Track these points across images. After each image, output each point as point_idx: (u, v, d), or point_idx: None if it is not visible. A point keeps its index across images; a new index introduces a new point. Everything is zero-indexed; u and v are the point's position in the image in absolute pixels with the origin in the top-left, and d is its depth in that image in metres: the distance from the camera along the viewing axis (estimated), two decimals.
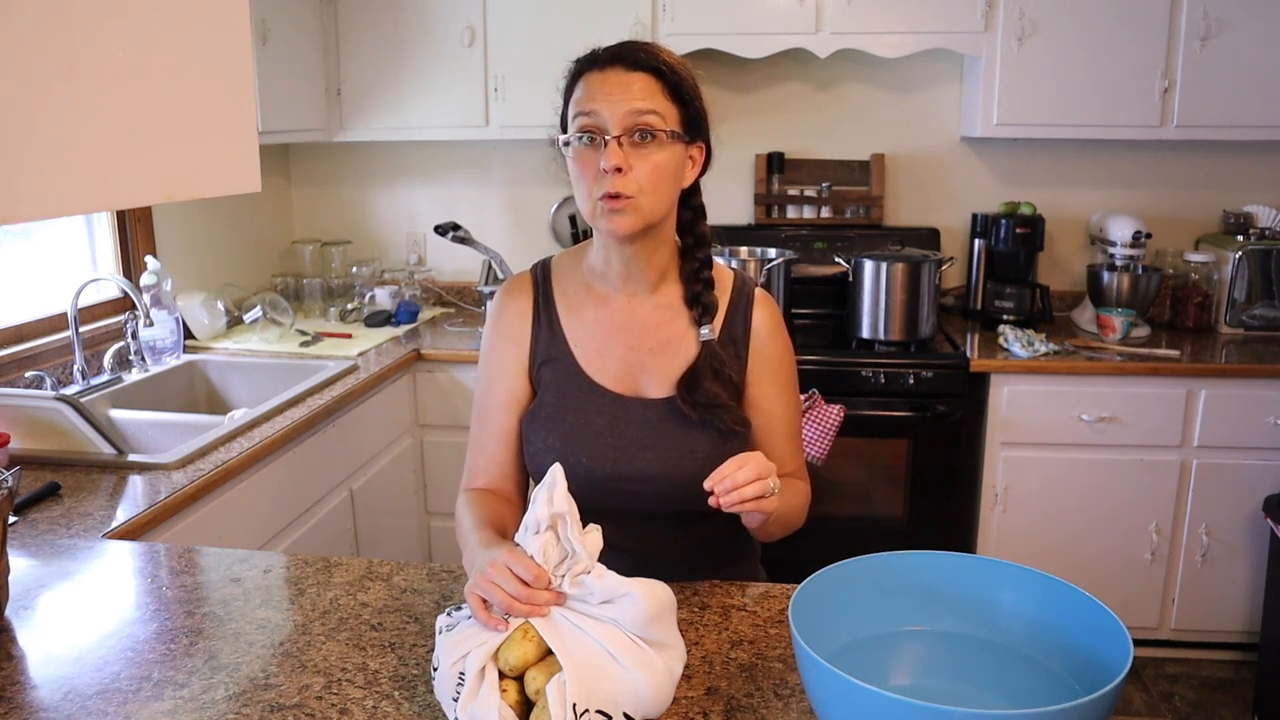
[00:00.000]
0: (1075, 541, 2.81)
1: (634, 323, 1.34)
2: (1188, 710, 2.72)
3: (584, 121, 1.23)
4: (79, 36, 0.95)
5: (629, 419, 1.31)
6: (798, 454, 1.42)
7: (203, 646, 1.17)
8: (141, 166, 1.06)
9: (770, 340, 1.37)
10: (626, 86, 1.22)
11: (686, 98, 1.27)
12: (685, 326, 1.34)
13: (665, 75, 1.25)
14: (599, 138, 1.22)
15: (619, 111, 1.21)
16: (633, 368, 1.33)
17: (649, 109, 1.22)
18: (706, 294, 1.33)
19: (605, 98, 1.22)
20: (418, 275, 3.47)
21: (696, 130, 1.29)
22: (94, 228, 2.69)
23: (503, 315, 1.39)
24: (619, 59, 1.24)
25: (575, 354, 1.34)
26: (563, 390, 1.34)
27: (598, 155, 1.22)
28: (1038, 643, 1.02)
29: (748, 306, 1.37)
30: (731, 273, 1.41)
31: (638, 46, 1.26)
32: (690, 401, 1.29)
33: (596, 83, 1.24)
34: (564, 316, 1.36)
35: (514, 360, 1.37)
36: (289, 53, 2.91)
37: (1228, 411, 2.70)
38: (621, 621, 0.98)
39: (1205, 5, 2.78)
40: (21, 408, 1.97)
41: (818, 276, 3.21)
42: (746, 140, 3.32)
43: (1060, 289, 3.30)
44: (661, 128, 1.23)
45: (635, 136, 1.22)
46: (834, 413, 2.65)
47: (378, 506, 2.64)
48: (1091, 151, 3.22)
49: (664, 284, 1.35)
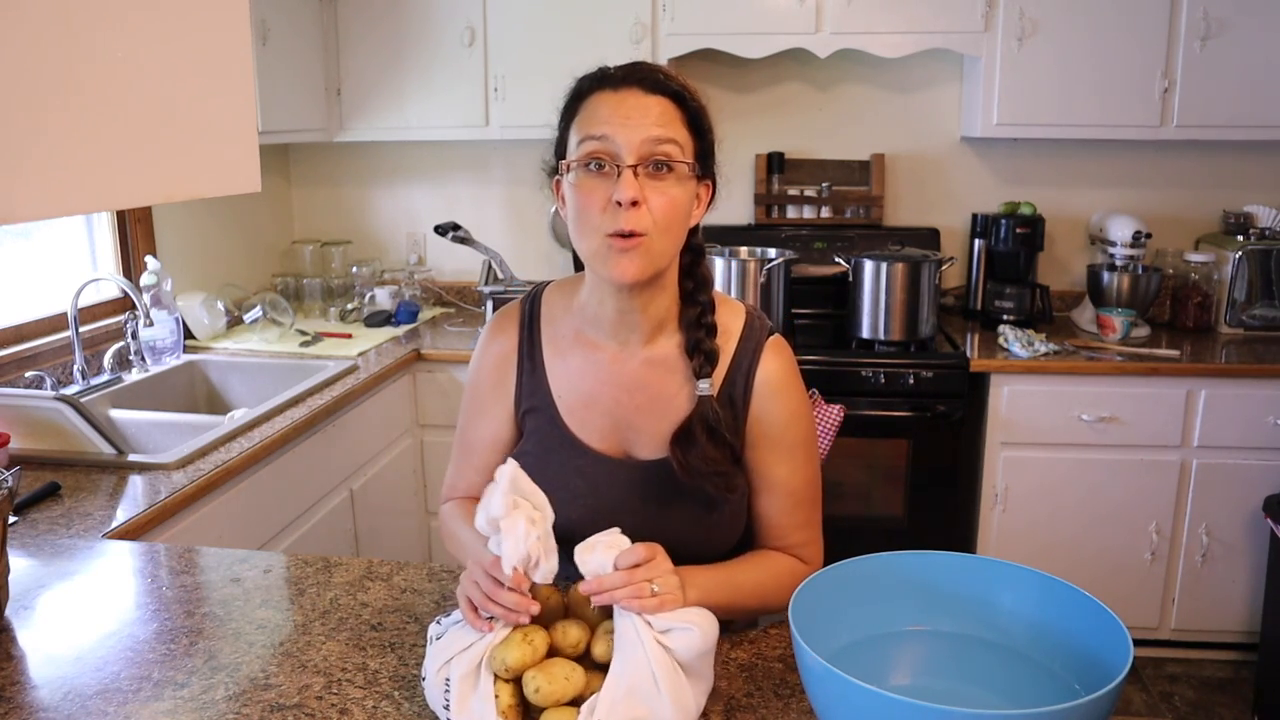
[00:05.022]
0: (1075, 541, 2.81)
1: (622, 377, 1.22)
2: (1188, 710, 2.72)
3: (594, 147, 1.10)
4: (79, 36, 0.95)
5: (611, 481, 1.23)
6: (802, 527, 1.25)
7: (203, 646, 1.17)
8: (141, 166, 1.06)
9: (774, 400, 1.22)
10: (645, 110, 1.10)
11: (703, 129, 1.16)
12: (680, 382, 1.21)
13: (686, 102, 1.14)
14: (611, 165, 1.10)
15: (636, 138, 1.09)
16: (619, 425, 1.23)
17: (668, 137, 1.10)
18: (708, 341, 1.19)
19: (622, 121, 1.09)
20: (418, 275, 3.47)
21: (708, 166, 1.18)
22: (94, 228, 2.69)
23: (488, 353, 1.30)
24: (636, 79, 1.12)
25: (558, 405, 1.24)
26: (544, 443, 1.25)
27: (608, 186, 1.09)
28: (1038, 643, 1.02)
29: (754, 359, 1.22)
30: (744, 314, 1.26)
31: (654, 67, 1.15)
32: (684, 464, 1.17)
33: (610, 104, 1.11)
34: (549, 361, 1.26)
35: (499, 403, 1.29)
36: (289, 53, 2.91)
37: (1228, 411, 2.70)
38: (675, 650, 0.98)
39: (1205, 5, 2.78)
40: (21, 408, 1.97)
41: (818, 276, 3.21)
42: (746, 140, 3.32)
43: (1060, 289, 3.30)
44: (680, 159, 1.11)
45: (651, 167, 1.10)
46: (834, 413, 2.64)
47: (378, 506, 2.64)
48: (1091, 151, 3.22)
49: (660, 335, 1.22)
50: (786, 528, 1.25)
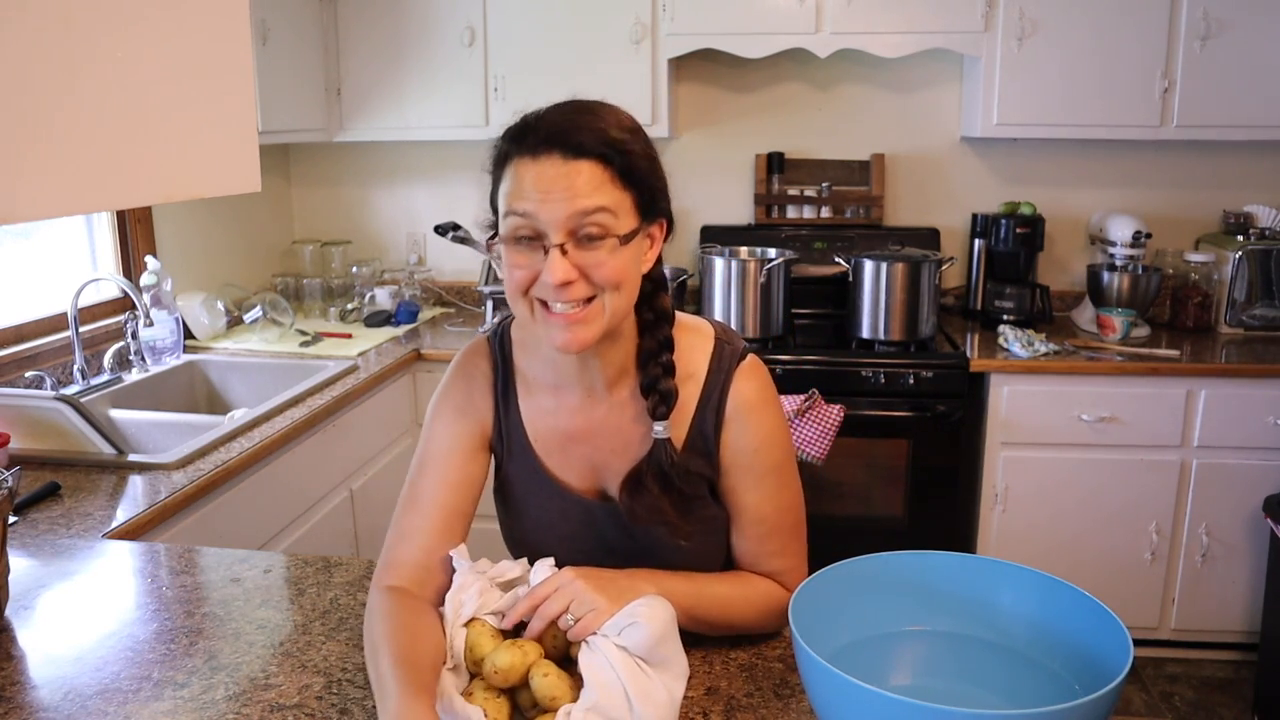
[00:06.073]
0: (1075, 541, 2.81)
1: (592, 422, 1.17)
2: (1188, 710, 2.72)
3: (518, 223, 1.02)
4: (79, 36, 0.95)
5: (593, 522, 1.19)
6: (776, 555, 1.20)
7: (203, 646, 1.17)
8: (141, 166, 1.06)
9: (743, 425, 1.16)
10: (568, 181, 1.00)
11: (640, 177, 1.05)
12: (648, 423, 1.14)
13: (613, 159, 1.02)
14: (538, 242, 1.02)
15: (560, 214, 1.00)
16: (596, 466, 1.19)
17: (597, 206, 1.00)
18: (665, 381, 1.12)
19: (543, 197, 1.00)
20: (418, 275, 3.47)
21: (654, 209, 1.08)
22: (94, 228, 2.69)
23: (457, 388, 1.21)
24: (557, 143, 1.01)
25: (535, 449, 1.19)
26: (525, 486, 1.21)
27: (537, 259, 1.02)
28: (1038, 643, 1.02)
29: (724, 387, 1.15)
30: (711, 337, 1.18)
31: (579, 120, 1.03)
32: (630, 511, 1.13)
33: (530, 176, 1.01)
34: (523, 403, 1.20)
35: (467, 437, 1.19)
36: (289, 53, 2.91)
37: (1228, 411, 2.70)
38: (631, 647, 0.98)
39: (1205, 5, 2.78)
40: (21, 408, 1.97)
41: (818, 276, 3.21)
42: (746, 140, 3.32)
43: (1060, 289, 3.30)
44: (613, 230, 1.02)
45: (584, 240, 1.01)
46: (834, 413, 2.64)
47: (378, 506, 2.64)
48: (1092, 151, 3.22)
49: (624, 379, 1.16)
50: (758, 556, 1.20)
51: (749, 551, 1.21)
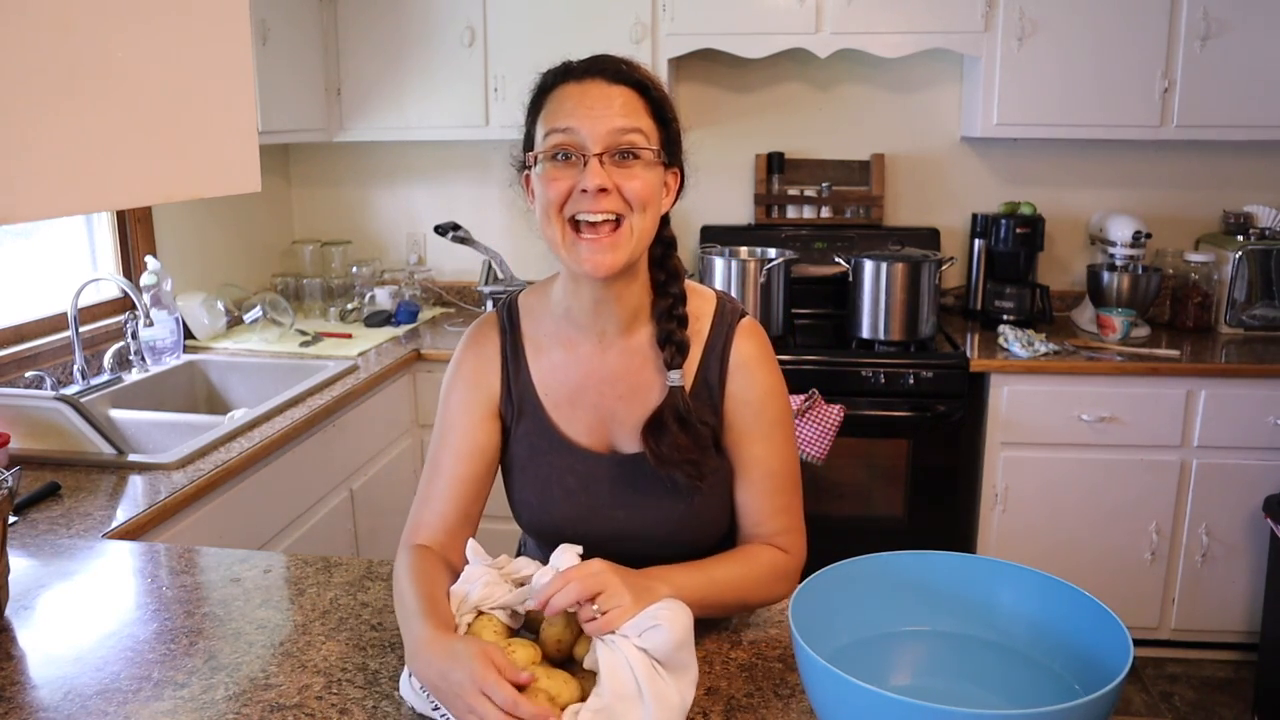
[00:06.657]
0: (1075, 541, 2.81)
1: (604, 368, 1.24)
2: (1188, 710, 2.72)
3: (559, 139, 1.12)
4: (79, 37, 0.95)
5: (601, 476, 1.23)
6: (782, 512, 1.25)
7: (203, 646, 1.17)
8: (141, 166, 1.06)
9: (749, 379, 1.23)
10: (609, 101, 1.12)
11: (668, 118, 1.17)
12: (655, 373, 1.22)
13: (649, 92, 1.15)
14: (577, 156, 1.12)
15: (601, 128, 1.11)
16: (604, 417, 1.24)
17: (633, 126, 1.12)
18: (679, 333, 1.21)
19: (586, 112, 1.11)
20: (418, 275, 3.47)
21: (674, 155, 1.19)
22: (94, 228, 2.69)
23: (467, 361, 1.29)
24: (598, 71, 1.14)
25: (545, 405, 1.25)
26: (533, 444, 1.26)
27: (574, 174, 1.12)
28: (1038, 643, 1.02)
29: (727, 341, 1.24)
30: (714, 299, 1.28)
31: (616, 59, 1.17)
32: (656, 453, 1.18)
33: (574, 96, 1.13)
34: (532, 364, 1.27)
35: (478, 406, 1.26)
36: (289, 53, 2.91)
37: (1228, 411, 2.70)
38: (651, 649, 0.98)
39: (1205, 5, 2.78)
40: (21, 408, 1.97)
41: (818, 276, 3.21)
42: (746, 140, 3.32)
43: (1060, 289, 3.30)
44: (646, 146, 1.13)
45: (617, 156, 1.12)
46: (834, 413, 2.65)
47: (378, 506, 2.64)
48: (1092, 151, 3.22)
49: (635, 325, 1.23)
50: (766, 512, 1.24)
51: (757, 508, 1.24)
